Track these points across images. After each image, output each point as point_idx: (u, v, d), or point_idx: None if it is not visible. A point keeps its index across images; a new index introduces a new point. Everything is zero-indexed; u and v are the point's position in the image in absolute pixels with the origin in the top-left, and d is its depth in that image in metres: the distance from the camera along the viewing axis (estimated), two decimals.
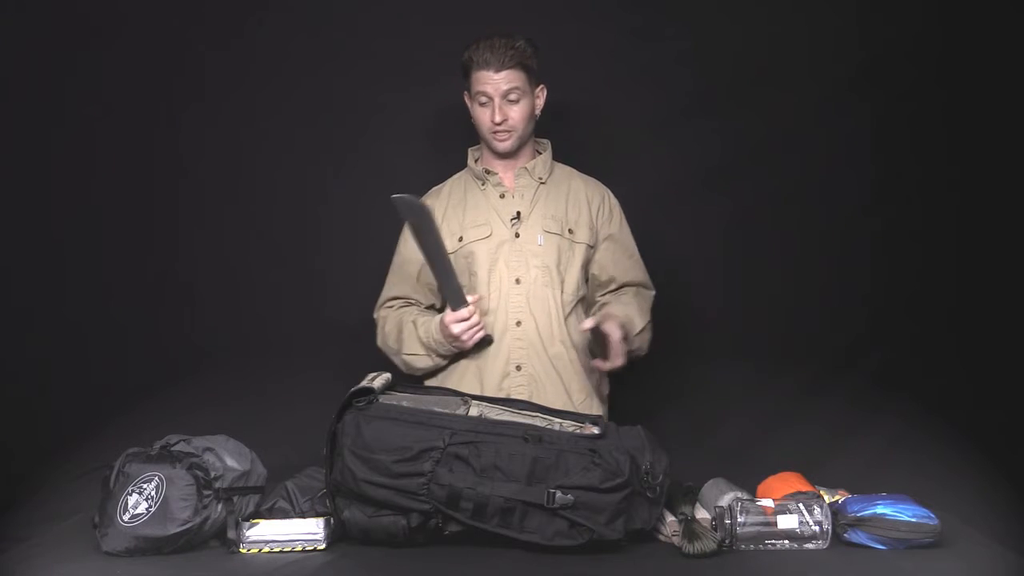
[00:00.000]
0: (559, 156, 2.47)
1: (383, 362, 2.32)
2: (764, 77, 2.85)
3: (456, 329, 2.24)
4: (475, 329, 2.25)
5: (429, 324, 2.31)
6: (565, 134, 2.35)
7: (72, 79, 2.77)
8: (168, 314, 2.83)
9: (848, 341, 2.87)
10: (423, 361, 2.34)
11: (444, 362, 2.34)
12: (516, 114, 2.32)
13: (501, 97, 2.29)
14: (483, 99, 2.31)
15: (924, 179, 2.85)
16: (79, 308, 2.77)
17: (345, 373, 2.13)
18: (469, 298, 2.25)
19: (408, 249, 2.39)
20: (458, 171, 2.49)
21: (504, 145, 2.35)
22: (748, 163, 2.87)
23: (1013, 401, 2.59)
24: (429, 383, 2.34)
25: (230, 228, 2.86)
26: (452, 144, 2.59)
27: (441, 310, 2.40)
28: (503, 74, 2.28)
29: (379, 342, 2.42)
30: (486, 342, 2.30)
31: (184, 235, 2.86)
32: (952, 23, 2.79)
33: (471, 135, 2.46)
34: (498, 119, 2.30)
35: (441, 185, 2.48)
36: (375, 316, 2.45)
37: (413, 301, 2.42)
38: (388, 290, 2.44)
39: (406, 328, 2.35)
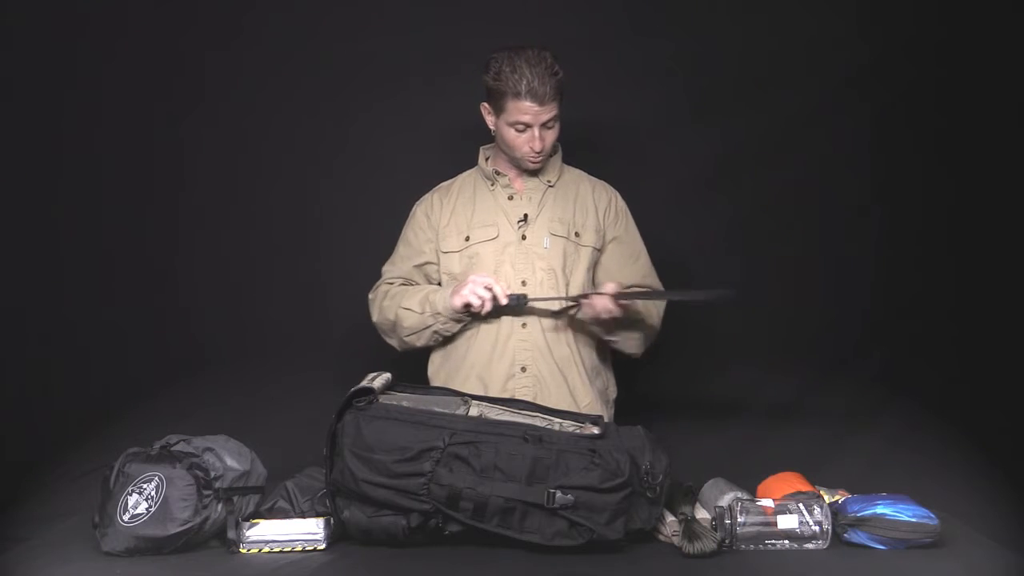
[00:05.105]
0: (563, 157, 2.47)
1: (383, 362, 2.32)
2: (764, 77, 2.85)
3: (480, 282, 2.21)
4: (482, 292, 2.20)
5: (441, 291, 2.29)
6: (567, 135, 2.34)
7: (72, 79, 2.76)
8: (168, 314, 2.83)
9: (848, 341, 2.88)
10: (413, 319, 2.29)
11: (432, 325, 2.28)
12: (551, 137, 2.30)
13: (541, 126, 2.26)
14: (521, 127, 2.26)
15: (924, 179, 2.86)
16: (79, 308, 2.77)
17: (344, 373, 2.14)
18: (504, 296, 2.22)
19: (416, 239, 2.39)
20: (460, 172, 2.48)
21: (537, 166, 2.35)
22: (749, 163, 2.87)
23: (1013, 401, 2.58)
24: (433, 383, 2.34)
25: (229, 229, 2.86)
26: (451, 145, 2.59)
27: None
28: (548, 106, 2.23)
29: (375, 316, 2.38)
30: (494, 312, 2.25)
31: (184, 235, 2.86)
32: (951, 23, 2.79)
33: (472, 137, 2.45)
34: (539, 148, 2.28)
35: (451, 181, 2.46)
36: (370, 296, 2.41)
37: (413, 283, 2.40)
38: (391, 271, 2.42)
39: (413, 290, 2.33)
